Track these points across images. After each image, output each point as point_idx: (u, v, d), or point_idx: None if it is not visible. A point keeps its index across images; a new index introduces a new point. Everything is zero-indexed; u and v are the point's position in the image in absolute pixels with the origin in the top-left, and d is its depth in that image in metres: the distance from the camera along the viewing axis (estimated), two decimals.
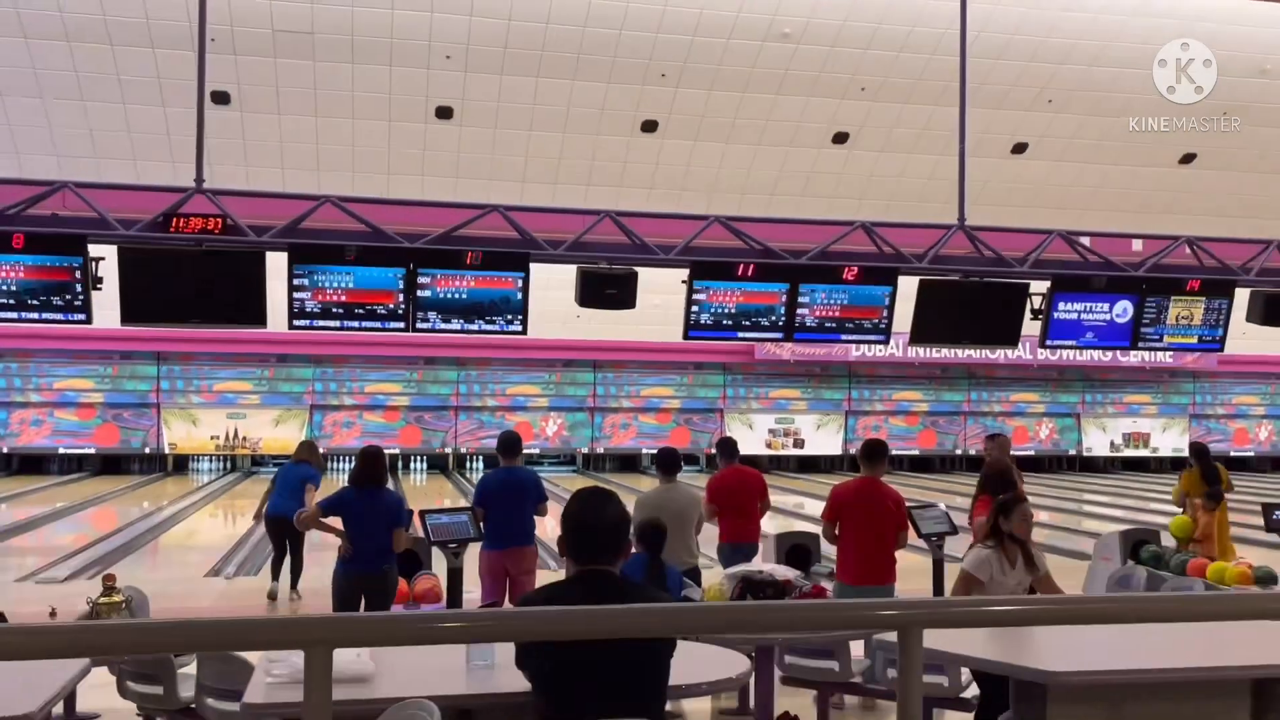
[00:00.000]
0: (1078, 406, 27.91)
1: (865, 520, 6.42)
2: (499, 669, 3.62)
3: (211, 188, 8.03)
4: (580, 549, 2.94)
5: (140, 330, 18.68)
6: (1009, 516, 5.15)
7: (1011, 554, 5.12)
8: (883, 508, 6.46)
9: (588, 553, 2.94)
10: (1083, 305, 9.28)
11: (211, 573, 11.19)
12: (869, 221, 9.18)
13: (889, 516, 6.47)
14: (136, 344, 22.46)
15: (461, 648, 3.71)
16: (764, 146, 18.14)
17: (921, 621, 2.06)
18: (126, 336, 20.91)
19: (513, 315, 8.27)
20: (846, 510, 6.47)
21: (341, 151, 17.22)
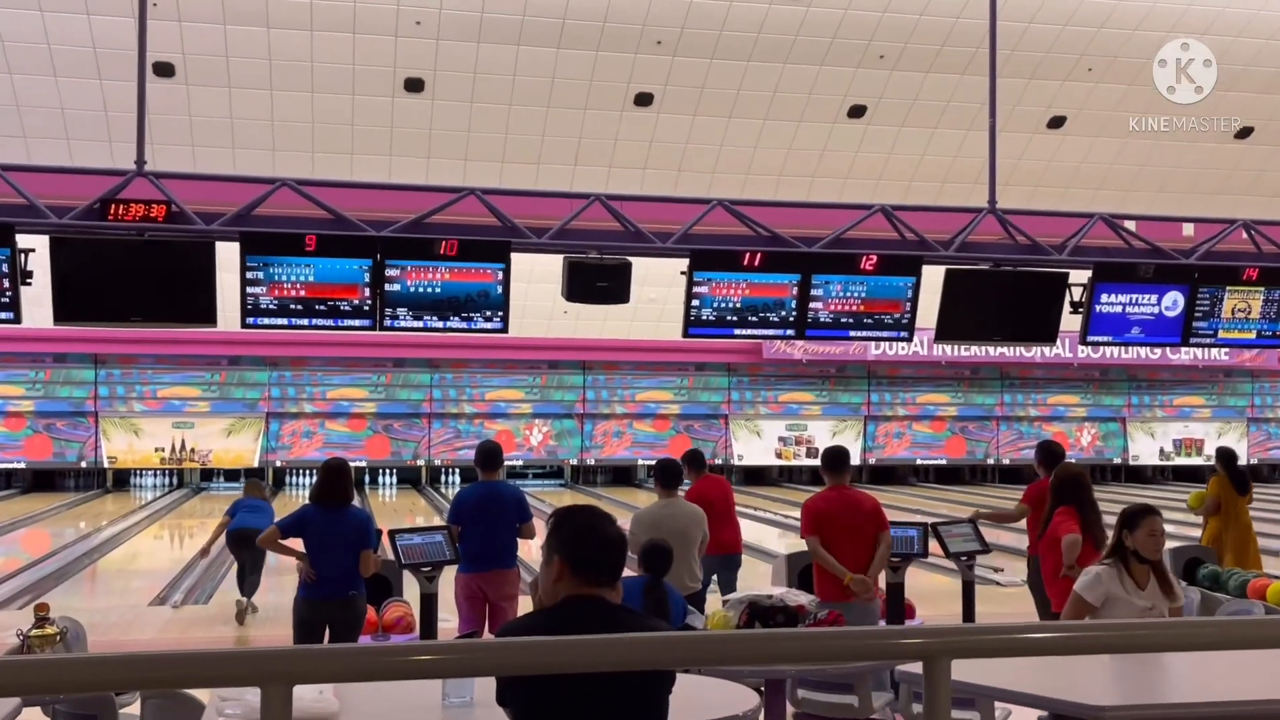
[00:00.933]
0: (1123, 410, 27.96)
1: (844, 529, 6.53)
2: (478, 707, 3.62)
3: (154, 170, 8.02)
4: (588, 563, 2.90)
5: (75, 330, 18.63)
6: (1134, 530, 4.87)
7: (1140, 575, 4.85)
8: (859, 513, 6.58)
9: (593, 570, 2.90)
10: (1128, 297, 9.29)
11: (156, 601, 11.18)
12: (889, 205, 9.18)
13: (867, 522, 6.58)
14: (71, 345, 22.42)
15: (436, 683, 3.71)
16: (771, 121, 18.14)
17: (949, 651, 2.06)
18: (60, 337, 20.87)
19: (492, 311, 8.27)
20: (824, 522, 6.56)
21: (299, 129, 17.20)
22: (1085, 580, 4.92)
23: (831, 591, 6.52)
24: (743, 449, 26.16)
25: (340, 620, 6.57)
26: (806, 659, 3.82)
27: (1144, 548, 4.85)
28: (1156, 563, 4.90)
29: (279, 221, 8.08)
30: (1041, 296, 9.11)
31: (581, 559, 2.90)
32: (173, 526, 19.08)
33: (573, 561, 2.90)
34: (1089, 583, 4.87)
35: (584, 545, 2.92)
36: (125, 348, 22.67)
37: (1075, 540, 6.04)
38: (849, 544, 6.52)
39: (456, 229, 8.30)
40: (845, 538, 6.53)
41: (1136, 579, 4.84)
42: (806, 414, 26.45)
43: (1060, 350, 24.46)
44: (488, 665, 2.20)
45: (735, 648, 2.26)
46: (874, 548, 6.59)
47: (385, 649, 2.01)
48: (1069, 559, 6.06)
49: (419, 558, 7.22)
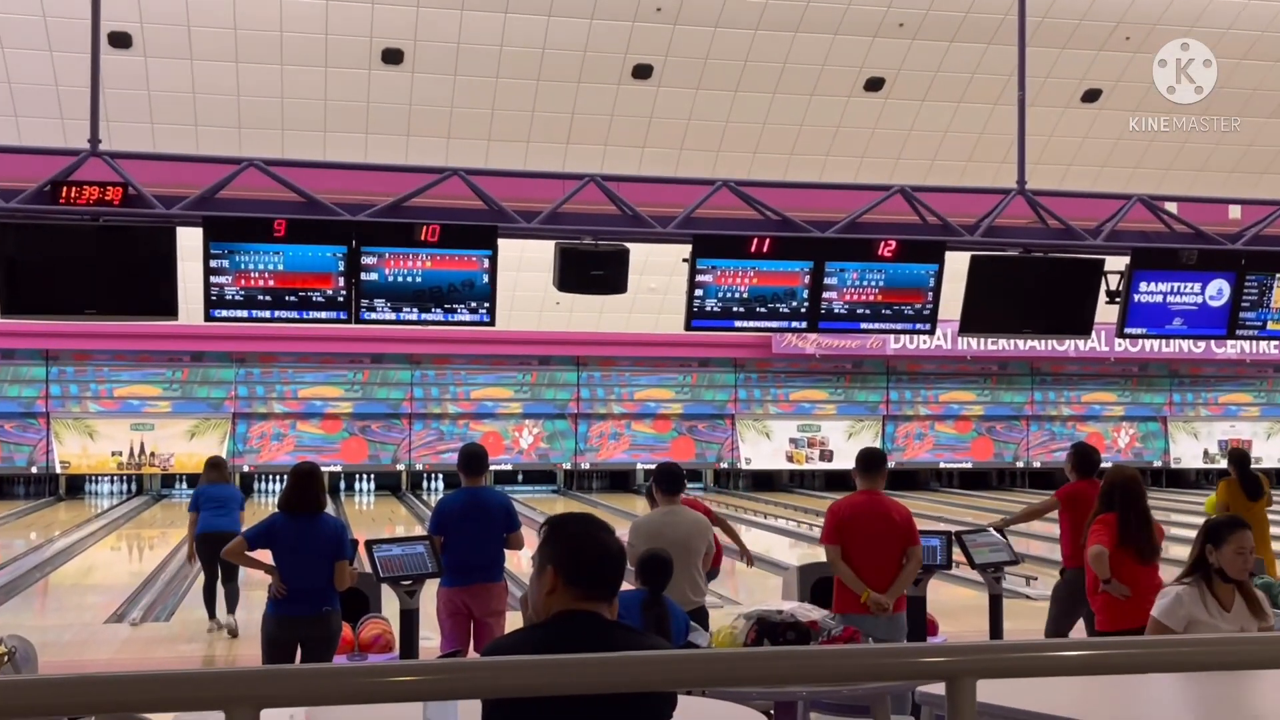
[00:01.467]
0: (1164, 408, 27.98)
1: (869, 539, 6.58)
2: None
3: (110, 150, 8.00)
4: (583, 575, 2.89)
5: (25, 324, 18.61)
6: (1220, 546, 4.76)
7: (1224, 595, 4.76)
8: (888, 523, 6.64)
9: (589, 583, 2.89)
10: (1169, 285, 9.29)
11: (113, 618, 11.18)
12: (909, 185, 9.18)
13: (896, 534, 6.65)
14: (20, 340, 22.40)
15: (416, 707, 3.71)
16: (781, 95, 18.13)
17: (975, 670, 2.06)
18: (7, 331, 20.85)
19: (477, 303, 8.26)
20: (849, 529, 6.62)
21: (268, 105, 17.18)
22: (1164, 603, 4.84)
23: (851, 604, 6.58)
24: (750, 452, 26.18)
25: (313, 639, 6.57)
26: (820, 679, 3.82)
27: (1230, 566, 4.76)
28: (1242, 582, 4.81)
29: (245, 205, 8.07)
30: (1075, 285, 9.10)
31: (576, 570, 2.88)
32: (131, 537, 19.08)
33: (567, 573, 2.88)
34: (1169, 606, 4.80)
35: (579, 556, 2.90)
36: (79, 343, 22.67)
37: (1100, 553, 6.04)
38: (873, 555, 6.58)
39: (439, 213, 8.29)
40: (870, 548, 6.58)
41: (1221, 600, 4.76)
42: (820, 414, 26.46)
43: (1095, 344, 24.44)
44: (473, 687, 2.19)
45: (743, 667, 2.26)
46: (900, 563, 6.64)
47: (361, 669, 2.01)
48: (1100, 573, 6.07)
49: (398, 570, 7.22)
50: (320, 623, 6.57)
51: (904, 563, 6.66)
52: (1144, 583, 6.15)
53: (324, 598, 6.60)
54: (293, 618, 6.56)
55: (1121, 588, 6.07)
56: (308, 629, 6.56)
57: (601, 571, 2.90)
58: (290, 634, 6.58)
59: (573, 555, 2.90)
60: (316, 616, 6.56)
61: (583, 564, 2.89)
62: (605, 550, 2.92)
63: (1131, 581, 6.11)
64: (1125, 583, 6.08)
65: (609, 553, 2.93)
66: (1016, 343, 24.36)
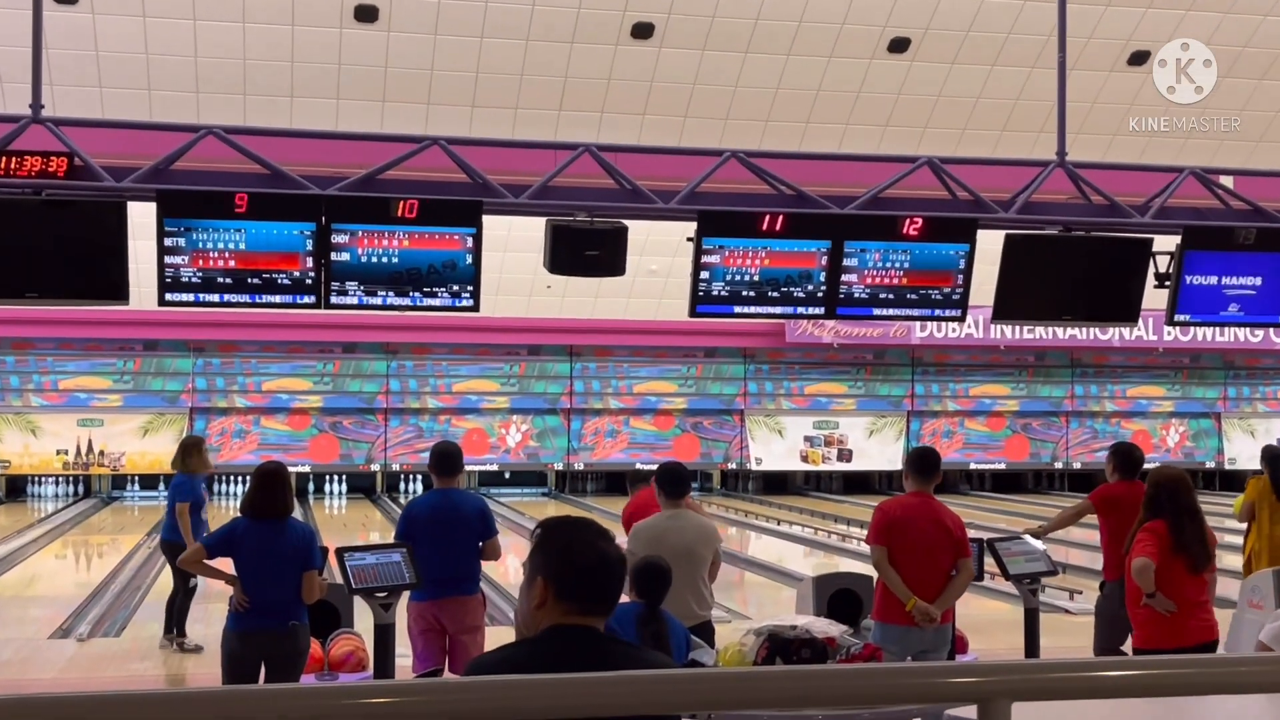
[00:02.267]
0: (1217, 404, 28.01)
1: (919, 544, 6.66)
2: None
3: (54, 116, 7.99)
4: (577, 587, 2.86)
5: None
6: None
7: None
8: (940, 530, 6.73)
9: (582, 595, 2.87)
10: (1224, 267, 9.29)
11: (59, 633, 11.20)
12: (937, 157, 9.17)
13: (947, 542, 6.75)
14: None
15: None
16: (796, 57, 18.10)
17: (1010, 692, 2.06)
18: None
19: (460, 286, 8.26)
20: (898, 532, 6.70)
21: (229, 67, 17.16)
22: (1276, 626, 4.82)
23: (895, 612, 6.64)
24: (761, 451, 26.21)
25: (278, 655, 6.59)
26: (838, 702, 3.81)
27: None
28: None
29: (204, 178, 8.07)
30: (1120, 267, 9.10)
31: (567, 582, 2.86)
32: (78, 544, 19.11)
33: (558, 586, 2.86)
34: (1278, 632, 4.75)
35: (571, 566, 2.87)
36: (20, 329, 22.64)
37: (1145, 565, 6.03)
38: (921, 563, 6.65)
39: (417, 186, 8.29)
40: (919, 554, 6.65)
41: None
42: (838, 409, 26.48)
43: (1143, 332, 24.46)
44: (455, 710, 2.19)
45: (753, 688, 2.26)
46: (949, 574, 6.73)
47: (332, 690, 2.01)
48: (1144, 586, 6.06)
49: (372, 581, 7.22)
50: (286, 638, 6.57)
51: (954, 574, 6.73)
52: (1193, 597, 6.15)
53: (290, 611, 6.60)
54: (256, 633, 6.57)
55: (1167, 603, 6.05)
56: (273, 645, 6.57)
57: (596, 584, 2.87)
58: (254, 651, 6.59)
59: (564, 565, 2.87)
60: (282, 631, 6.56)
61: (575, 575, 2.86)
62: (601, 560, 2.88)
63: (1179, 595, 6.09)
64: (1172, 596, 6.07)
65: (606, 563, 2.89)
66: (1055, 331, 24.42)
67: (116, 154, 8.04)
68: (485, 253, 8.29)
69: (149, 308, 8.19)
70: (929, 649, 6.68)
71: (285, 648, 6.58)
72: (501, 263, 17.71)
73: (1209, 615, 6.26)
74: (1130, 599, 6.32)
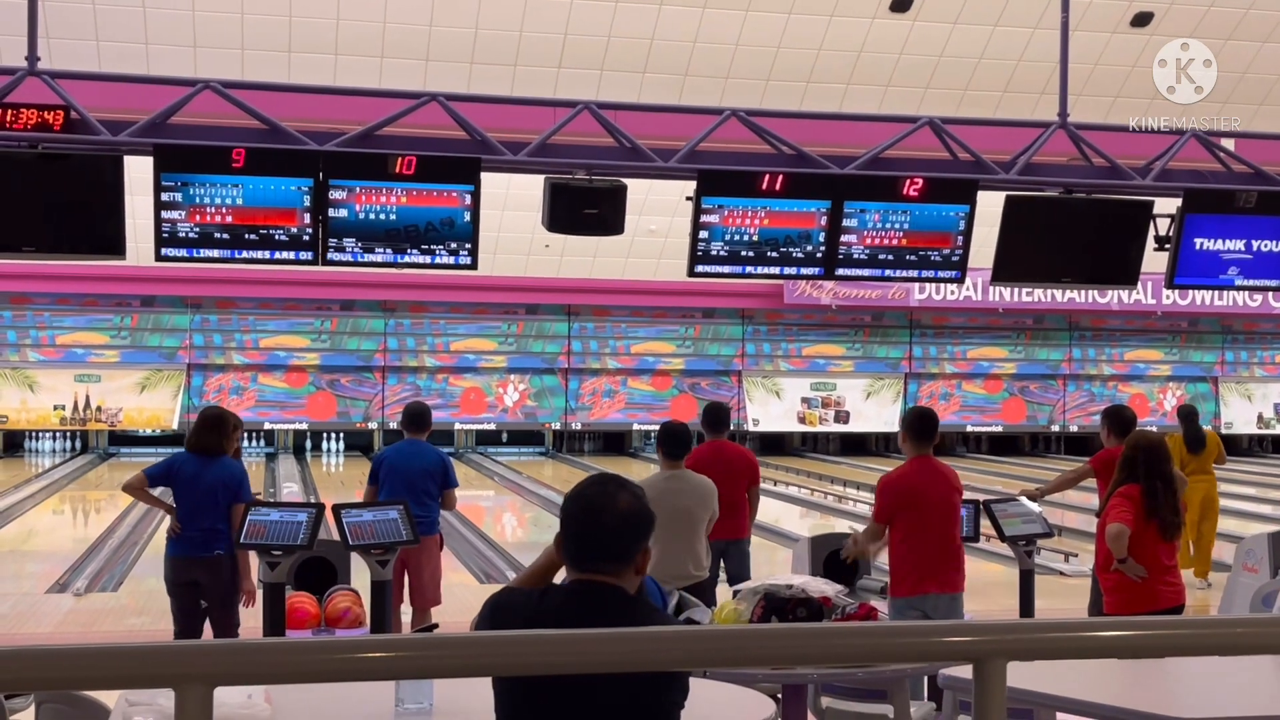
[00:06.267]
0: (1215, 368, 28.02)
1: (929, 512, 6.51)
2: (438, 715, 3.63)
3: (50, 69, 7.96)
4: (571, 548, 2.98)
5: None
6: None
7: None
8: (948, 491, 6.62)
9: (580, 555, 2.97)
10: (1225, 230, 9.27)
11: (55, 587, 11.23)
12: (938, 117, 9.14)
13: (958, 502, 6.67)
14: None
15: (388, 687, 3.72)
16: (797, 16, 18.00)
17: (1005, 652, 2.06)
18: None
19: (458, 244, 8.25)
20: (907, 509, 6.53)
21: (226, 21, 17.06)
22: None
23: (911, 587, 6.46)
24: (758, 412, 26.22)
25: (208, 583, 7.14)
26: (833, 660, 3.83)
27: None
28: None
29: (201, 132, 8.04)
30: (1121, 230, 9.09)
31: (565, 542, 3.00)
32: (75, 499, 19.14)
33: (565, 543, 3.01)
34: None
35: (565, 528, 3.01)
36: (16, 285, 22.59)
37: (1121, 531, 6.01)
38: (926, 532, 6.48)
39: (415, 143, 8.27)
40: (923, 524, 6.48)
41: None
42: (835, 371, 26.48)
43: (1141, 295, 24.36)
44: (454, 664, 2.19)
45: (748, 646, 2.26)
46: (958, 536, 6.65)
47: (329, 644, 2.01)
48: (1116, 552, 6.04)
49: (369, 538, 7.27)
50: (212, 564, 7.07)
51: None
52: (1164, 562, 6.15)
53: (218, 541, 7.12)
54: (185, 558, 7.14)
55: (1137, 568, 6.04)
56: (201, 570, 7.10)
57: (589, 543, 2.96)
58: (184, 574, 7.15)
59: (565, 526, 3.01)
60: (208, 558, 7.08)
61: (569, 536, 2.99)
62: (591, 518, 2.97)
63: (1151, 561, 6.08)
64: (1144, 562, 6.06)
65: (595, 520, 2.97)
66: (1054, 294, 24.37)
67: (113, 108, 8.01)
68: (483, 211, 8.27)
69: (146, 263, 8.20)
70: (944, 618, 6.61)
71: (211, 574, 7.08)
72: (500, 221, 17.65)
73: (1178, 580, 6.27)
74: (1101, 565, 6.31)
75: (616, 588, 2.94)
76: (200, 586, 7.17)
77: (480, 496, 19.20)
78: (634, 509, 3.00)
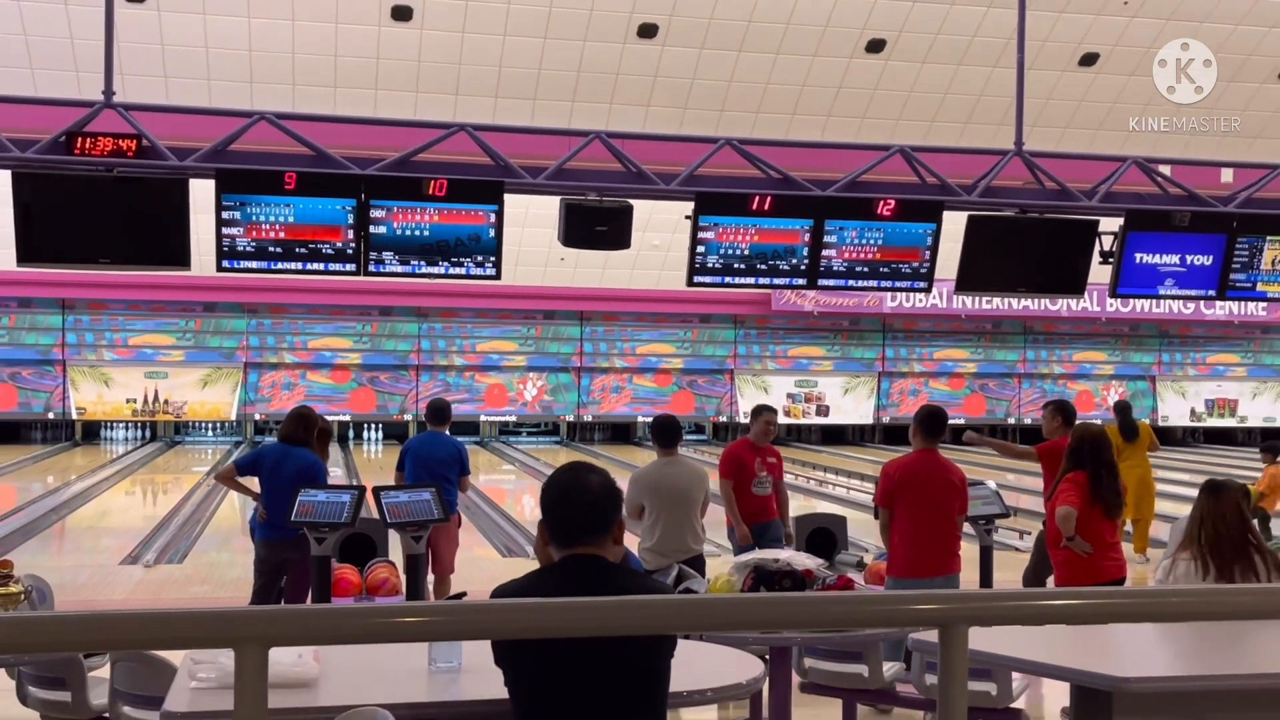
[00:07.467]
0: (1153, 368, 27.97)
1: (927, 501, 6.46)
2: (466, 673, 3.63)
3: (124, 102, 7.96)
4: (557, 527, 2.98)
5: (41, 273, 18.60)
6: None
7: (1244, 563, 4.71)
8: (946, 484, 6.53)
9: (566, 531, 2.97)
10: (1162, 247, 9.25)
11: (128, 560, 11.24)
12: (909, 146, 9.13)
13: (954, 495, 6.56)
14: (37, 289, 22.39)
15: (423, 648, 3.73)
16: (784, 56, 18.00)
17: (967, 618, 2.06)
18: (24, 280, 20.82)
19: (484, 257, 8.25)
20: (904, 490, 6.49)
21: (279, 60, 17.08)
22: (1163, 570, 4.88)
23: (907, 568, 6.42)
24: (748, 406, 26.11)
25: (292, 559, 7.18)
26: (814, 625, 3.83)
27: None
28: None
29: (257, 158, 8.04)
30: (1070, 245, 9.07)
31: (549, 523, 3.00)
32: (145, 482, 19.16)
33: (548, 526, 3.00)
34: None
35: (547, 510, 3.02)
36: (94, 292, 22.64)
37: (1068, 513, 6.00)
38: (926, 518, 6.43)
39: (446, 168, 8.26)
40: (923, 511, 6.43)
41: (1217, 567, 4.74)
42: (817, 370, 26.46)
43: (1088, 304, 24.42)
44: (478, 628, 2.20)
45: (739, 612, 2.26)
46: (955, 524, 6.54)
47: (370, 610, 2.01)
48: (1065, 531, 6.05)
49: (405, 516, 7.28)
50: (299, 543, 7.04)
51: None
52: (1108, 539, 6.16)
53: None
54: (276, 542, 7.17)
55: (1084, 545, 6.04)
56: (289, 550, 7.13)
57: (569, 521, 2.97)
58: (276, 556, 7.22)
59: (545, 510, 3.02)
60: (292, 539, 7.06)
61: (551, 517, 3.00)
62: (571, 499, 2.99)
63: (1096, 538, 6.09)
64: (1090, 539, 6.06)
65: (574, 500, 2.98)
66: (1010, 302, 24.35)
67: (180, 136, 8.01)
68: (506, 227, 8.27)
69: (208, 274, 8.19)
70: None
71: (300, 551, 7.05)
72: (520, 237, 17.66)
73: (1119, 555, 6.26)
74: (1051, 541, 6.29)
75: (598, 557, 2.95)
76: (288, 562, 7.19)
77: (502, 480, 19.19)
78: (604, 486, 3.02)
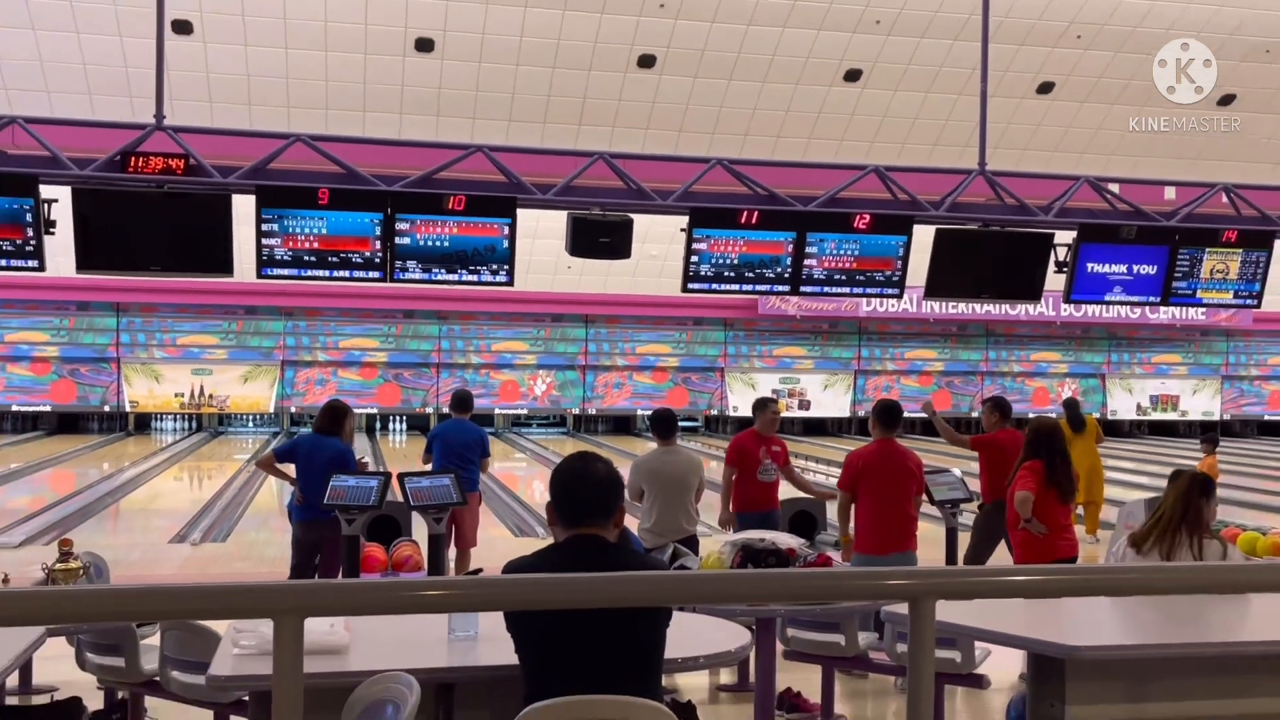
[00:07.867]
0: (1103, 367, 27.96)
1: (886, 485, 6.49)
2: (483, 641, 3.64)
3: (173, 125, 7.97)
4: (565, 509, 2.99)
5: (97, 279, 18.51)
6: (1211, 499, 4.78)
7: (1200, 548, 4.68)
8: (903, 470, 6.56)
9: (572, 513, 2.98)
10: (1111, 257, 9.26)
11: (176, 539, 11.24)
12: (882, 165, 9.14)
13: (910, 480, 6.59)
14: (93, 294, 22.38)
15: (443, 618, 3.73)
16: (770, 84, 18.00)
17: (934, 592, 2.07)
18: (82, 285, 20.83)
19: (498, 265, 8.25)
20: (865, 476, 6.53)
21: (313, 87, 17.07)
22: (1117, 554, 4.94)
23: (868, 544, 6.44)
24: (737, 401, 26.18)
25: (327, 540, 7.10)
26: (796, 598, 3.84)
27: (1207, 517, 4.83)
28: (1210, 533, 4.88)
29: (293, 175, 8.05)
30: (1028, 256, 9.09)
31: (557, 505, 3.03)
32: (192, 468, 19.15)
33: (556, 506, 3.03)
34: None
35: (556, 493, 3.05)
36: (146, 297, 22.64)
37: (1026, 498, 6.02)
38: (884, 501, 6.46)
39: (465, 185, 8.27)
40: (883, 494, 6.46)
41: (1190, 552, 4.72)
42: (799, 368, 26.46)
43: (1044, 309, 24.37)
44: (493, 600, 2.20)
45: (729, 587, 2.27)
46: (911, 506, 6.55)
47: (396, 584, 2.02)
48: (1023, 514, 6.06)
49: (427, 500, 7.28)
50: (333, 523, 6.95)
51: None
52: (1061, 522, 6.19)
53: None
54: (312, 522, 7.15)
55: (1040, 526, 6.06)
56: (324, 530, 7.07)
57: (575, 504, 2.99)
58: (312, 536, 7.19)
59: (554, 493, 3.05)
60: (329, 519, 6.97)
61: (561, 502, 3.02)
62: (578, 485, 3.01)
63: (1051, 520, 6.11)
64: (1045, 522, 6.09)
65: (581, 486, 3.01)
66: (974, 307, 24.33)
67: (223, 155, 8.03)
68: (518, 238, 8.27)
69: (249, 280, 8.19)
70: None
71: (335, 531, 6.95)
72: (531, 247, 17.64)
73: (1072, 536, 6.28)
74: (1010, 523, 6.31)
75: (600, 536, 2.97)
76: (322, 541, 7.16)
77: (515, 467, 19.18)
78: (608, 475, 3.05)
